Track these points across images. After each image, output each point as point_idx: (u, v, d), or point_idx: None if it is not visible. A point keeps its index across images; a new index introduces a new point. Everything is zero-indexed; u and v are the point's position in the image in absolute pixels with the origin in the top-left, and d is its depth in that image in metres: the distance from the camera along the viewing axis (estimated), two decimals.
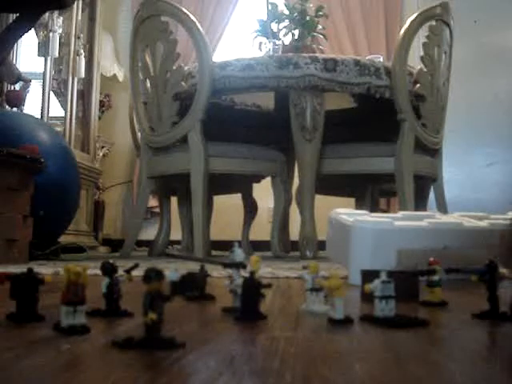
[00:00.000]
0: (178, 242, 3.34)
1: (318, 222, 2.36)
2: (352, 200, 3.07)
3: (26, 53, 3.80)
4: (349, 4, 4.38)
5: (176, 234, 3.08)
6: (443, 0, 2.50)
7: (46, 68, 3.29)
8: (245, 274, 0.68)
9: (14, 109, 3.05)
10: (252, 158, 2.49)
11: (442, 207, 2.56)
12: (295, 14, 2.81)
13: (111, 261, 0.66)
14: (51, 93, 3.42)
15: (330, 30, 3.97)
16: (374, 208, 2.95)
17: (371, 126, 2.82)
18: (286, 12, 2.85)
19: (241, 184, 3.07)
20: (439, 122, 2.58)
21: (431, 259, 0.75)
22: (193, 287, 0.46)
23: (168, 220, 2.88)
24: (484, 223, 1.28)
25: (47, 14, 3.18)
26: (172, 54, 2.41)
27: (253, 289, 0.65)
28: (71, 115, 3.47)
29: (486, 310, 0.69)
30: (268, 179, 2.68)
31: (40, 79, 3.37)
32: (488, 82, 3.99)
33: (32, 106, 3.47)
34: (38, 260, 2.20)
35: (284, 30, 2.85)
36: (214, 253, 2.59)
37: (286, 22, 2.84)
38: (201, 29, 2.43)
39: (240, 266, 0.70)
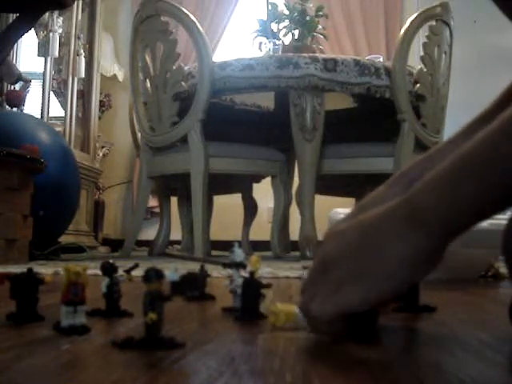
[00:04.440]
0: (178, 242, 3.35)
1: (318, 221, 2.36)
2: (352, 200, 3.07)
3: (26, 53, 3.80)
4: (349, 4, 4.38)
5: (176, 234, 3.08)
6: (443, 0, 2.50)
7: (46, 68, 3.29)
8: (245, 274, 0.68)
9: (14, 109, 3.05)
10: (252, 158, 2.49)
11: None
12: (295, 14, 2.81)
13: (111, 261, 0.66)
14: (51, 93, 3.42)
15: (330, 30, 3.97)
16: None
17: (371, 126, 2.82)
18: (286, 12, 2.85)
19: (241, 184, 3.07)
20: (439, 122, 2.58)
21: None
22: (193, 287, 0.46)
23: (168, 220, 2.88)
24: (484, 223, 1.28)
25: (47, 14, 3.18)
26: (172, 53, 2.41)
27: (253, 289, 0.65)
28: (71, 115, 3.47)
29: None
30: (268, 179, 2.68)
31: (40, 79, 3.37)
32: (488, 82, 3.99)
33: (32, 105, 3.47)
34: (38, 260, 2.20)
35: (284, 30, 2.85)
36: (213, 253, 2.59)
37: (286, 22, 2.84)
38: (201, 29, 2.43)
39: (240, 265, 0.70)
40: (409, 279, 0.50)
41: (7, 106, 3.05)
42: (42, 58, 3.32)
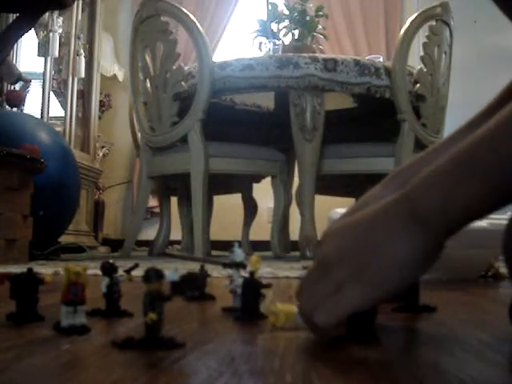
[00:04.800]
0: (178, 242, 3.34)
1: (318, 221, 2.35)
2: (352, 200, 3.07)
3: (26, 53, 3.80)
4: (349, 4, 4.38)
5: (176, 234, 3.08)
6: (443, 0, 2.50)
7: (46, 68, 3.29)
8: (245, 274, 0.68)
9: (14, 109, 3.05)
10: (252, 158, 2.49)
11: None
12: (295, 14, 2.81)
13: (111, 261, 0.66)
14: (51, 93, 3.42)
15: (330, 30, 3.97)
16: None
17: (371, 126, 2.82)
18: (286, 12, 2.85)
19: (241, 184, 3.07)
20: (439, 122, 2.58)
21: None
22: (193, 287, 0.46)
23: (168, 220, 2.88)
24: (483, 223, 1.28)
25: (47, 14, 3.18)
26: (172, 53, 2.41)
27: (253, 289, 0.65)
28: (71, 115, 3.47)
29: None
30: (268, 179, 2.68)
31: (40, 79, 3.37)
32: (488, 82, 3.99)
33: (32, 105, 3.47)
34: (38, 260, 2.20)
35: (284, 30, 2.85)
36: (213, 253, 2.59)
37: (286, 22, 2.84)
38: (201, 29, 2.43)
39: (240, 265, 0.70)
40: (408, 277, 0.50)
41: (7, 106, 3.05)
42: (42, 58, 3.32)
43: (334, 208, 1.38)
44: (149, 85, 2.53)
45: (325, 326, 0.51)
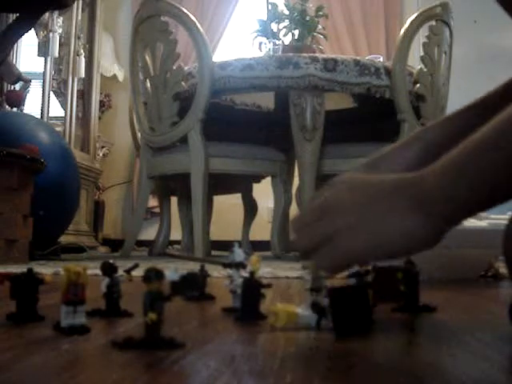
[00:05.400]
0: (178, 242, 3.34)
1: None
2: None
3: (26, 53, 3.80)
4: (349, 4, 4.38)
5: (176, 234, 3.08)
6: (443, 0, 2.50)
7: (46, 68, 3.29)
8: (245, 274, 0.68)
9: (14, 109, 3.05)
10: (252, 158, 2.49)
11: None
12: (295, 14, 2.81)
13: (111, 261, 0.66)
14: (51, 93, 3.41)
15: (330, 30, 3.97)
16: None
17: (371, 126, 2.82)
18: (286, 12, 2.85)
19: (241, 184, 3.07)
20: None
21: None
22: (193, 287, 0.46)
23: (168, 220, 2.88)
24: (484, 223, 1.28)
25: (47, 14, 3.18)
26: (172, 53, 2.41)
27: (253, 289, 0.65)
28: (71, 115, 3.46)
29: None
30: (268, 179, 2.68)
31: (40, 79, 3.37)
32: (488, 82, 3.98)
33: (32, 106, 3.47)
34: (38, 260, 2.20)
35: (284, 30, 2.84)
36: (213, 253, 2.59)
37: (286, 22, 2.84)
38: (201, 29, 2.43)
39: (240, 265, 0.70)
40: (405, 249, 0.53)
41: (7, 106, 3.05)
42: (42, 58, 3.32)
43: None
44: (149, 85, 2.53)
45: (323, 267, 0.55)
